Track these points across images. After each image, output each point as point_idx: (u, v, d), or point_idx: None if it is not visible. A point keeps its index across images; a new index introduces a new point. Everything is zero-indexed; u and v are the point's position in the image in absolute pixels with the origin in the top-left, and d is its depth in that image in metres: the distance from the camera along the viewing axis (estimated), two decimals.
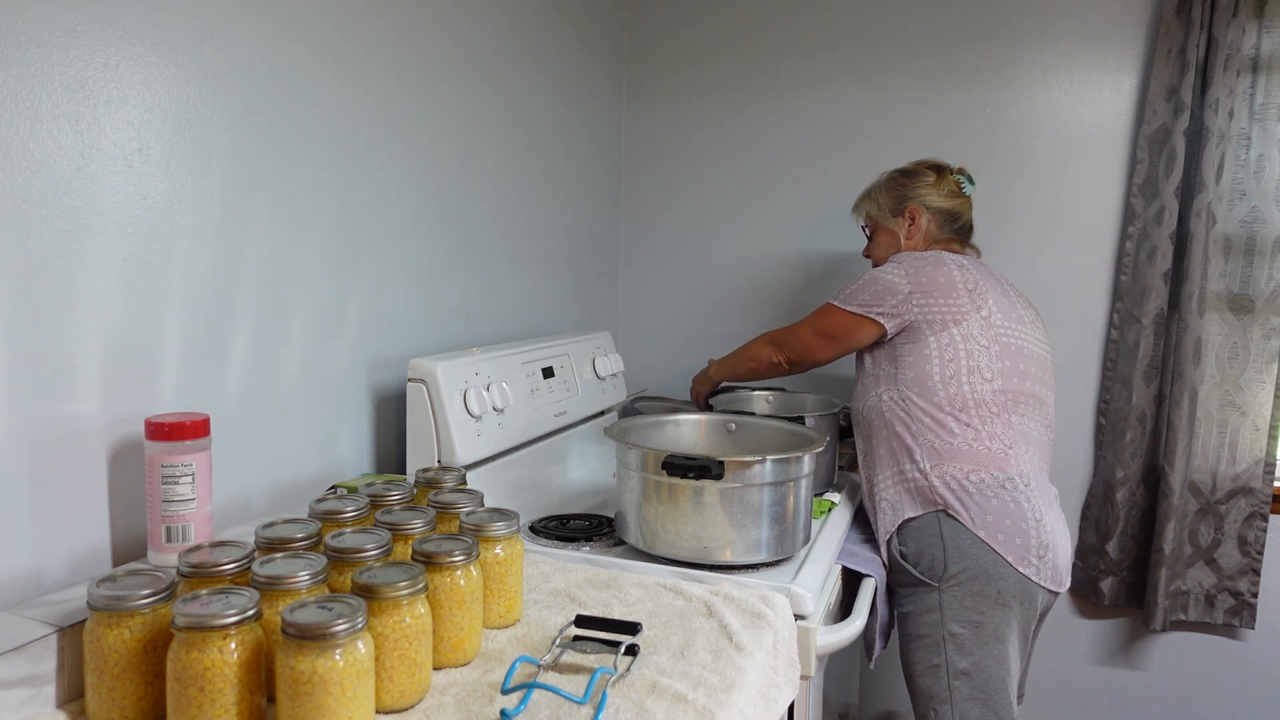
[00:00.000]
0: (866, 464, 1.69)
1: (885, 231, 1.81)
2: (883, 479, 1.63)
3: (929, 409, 1.59)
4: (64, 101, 0.97)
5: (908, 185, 1.79)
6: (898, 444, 1.61)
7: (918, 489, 1.58)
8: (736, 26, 2.38)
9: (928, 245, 1.77)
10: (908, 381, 1.62)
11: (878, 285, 1.64)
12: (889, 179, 1.83)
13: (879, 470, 1.64)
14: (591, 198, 2.34)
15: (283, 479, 1.31)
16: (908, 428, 1.61)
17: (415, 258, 1.59)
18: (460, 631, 0.96)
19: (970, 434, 1.57)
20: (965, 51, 2.20)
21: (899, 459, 1.61)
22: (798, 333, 1.74)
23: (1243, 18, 1.94)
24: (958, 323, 1.60)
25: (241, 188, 1.21)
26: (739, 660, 1.00)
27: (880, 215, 1.81)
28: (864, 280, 1.67)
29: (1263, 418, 2.06)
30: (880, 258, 1.82)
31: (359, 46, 1.41)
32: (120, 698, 0.79)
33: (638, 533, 1.31)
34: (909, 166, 1.82)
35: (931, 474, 1.56)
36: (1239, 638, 2.17)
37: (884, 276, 1.64)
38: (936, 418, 1.59)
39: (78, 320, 1.00)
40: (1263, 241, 2.03)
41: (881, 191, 1.81)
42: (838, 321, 1.68)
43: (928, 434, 1.59)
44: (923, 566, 1.54)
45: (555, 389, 1.73)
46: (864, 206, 1.86)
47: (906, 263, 1.66)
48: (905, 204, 1.77)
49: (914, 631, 1.56)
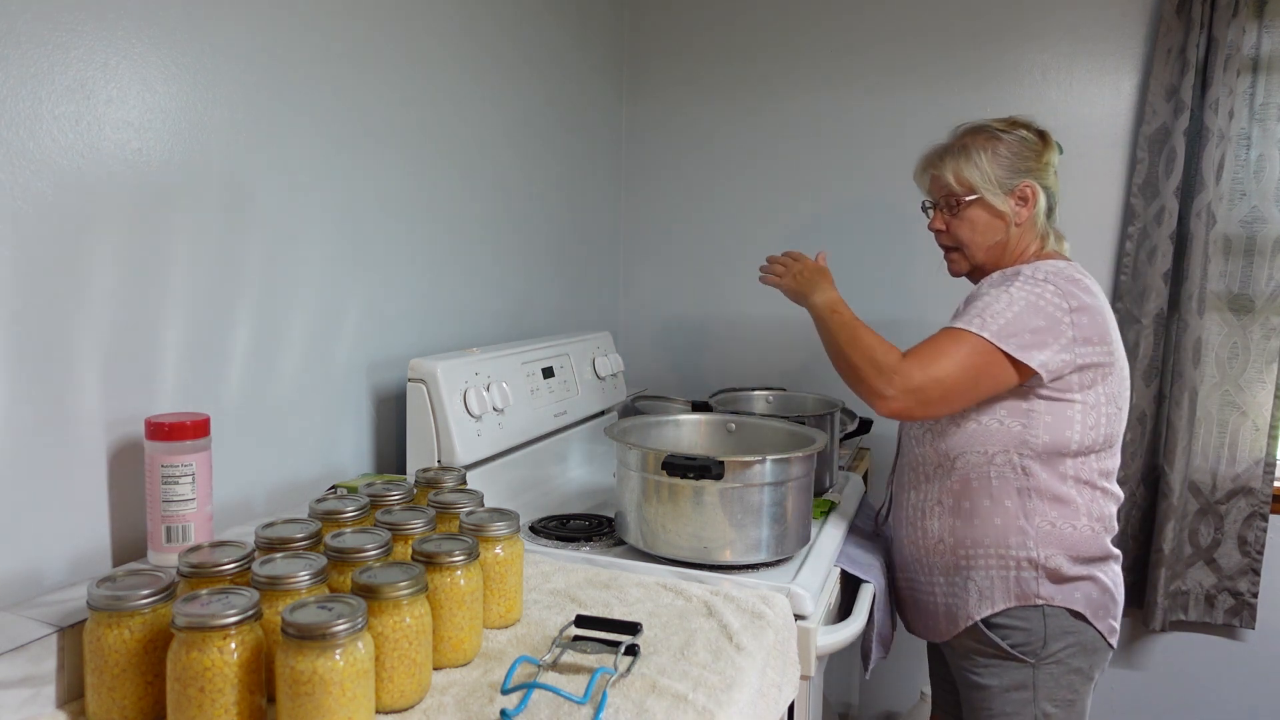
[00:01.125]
0: (938, 519, 1.42)
1: (984, 209, 1.41)
2: (976, 557, 1.38)
3: (1053, 483, 1.34)
4: (64, 101, 0.97)
5: (1021, 153, 1.41)
6: (1006, 521, 1.36)
7: (1019, 582, 1.36)
8: (736, 27, 2.38)
9: (1039, 242, 1.44)
10: (1038, 448, 1.33)
11: (1040, 319, 1.29)
12: (988, 137, 1.42)
13: (971, 545, 1.39)
14: (591, 198, 2.34)
15: (283, 479, 1.31)
16: (1023, 505, 1.35)
17: (415, 258, 1.59)
18: (460, 631, 0.96)
19: (1091, 514, 1.36)
20: (965, 52, 2.20)
21: (1005, 539, 1.36)
22: (937, 366, 1.29)
23: (1243, 18, 1.94)
24: (1104, 378, 1.33)
25: (241, 187, 1.21)
26: (739, 660, 1.00)
27: (986, 186, 1.40)
28: (1015, 306, 1.30)
29: (1263, 418, 2.06)
30: (975, 245, 1.44)
31: (359, 46, 1.41)
32: (120, 698, 0.79)
33: (638, 533, 1.31)
34: (1004, 127, 1.43)
35: (1043, 565, 1.34)
36: (1239, 638, 2.17)
37: (1045, 306, 1.29)
38: (1060, 494, 1.34)
39: (78, 320, 1.00)
40: (1263, 241, 2.03)
41: (985, 155, 1.40)
42: (991, 363, 1.29)
43: (1048, 512, 1.34)
44: (1014, 641, 1.37)
45: (555, 389, 1.73)
46: (958, 169, 1.42)
47: (1060, 285, 1.32)
48: (1019, 179, 1.40)
49: (997, 709, 1.40)
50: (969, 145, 1.42)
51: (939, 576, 1.44)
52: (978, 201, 1.41)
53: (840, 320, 1.40)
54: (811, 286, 1.47)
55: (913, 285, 2.28)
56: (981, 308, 1.32)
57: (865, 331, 1.37)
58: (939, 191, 1.46)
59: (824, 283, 1.47)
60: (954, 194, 1.43)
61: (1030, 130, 1.43)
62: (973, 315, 1.32)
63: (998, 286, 1.35)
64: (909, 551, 1.50)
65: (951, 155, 1.43)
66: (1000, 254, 1.45)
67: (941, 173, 1.44)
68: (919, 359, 1.31)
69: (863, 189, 2.31)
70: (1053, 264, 1.37)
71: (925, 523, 1.45)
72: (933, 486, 1.44)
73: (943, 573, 1.43)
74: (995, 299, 1.32)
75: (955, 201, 1.43)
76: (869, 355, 1.33)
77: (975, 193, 1.41)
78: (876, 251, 2.30)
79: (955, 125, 1.49)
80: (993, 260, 1.45)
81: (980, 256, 1.46)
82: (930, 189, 1.49)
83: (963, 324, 1.32)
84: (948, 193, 1.44)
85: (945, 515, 1.42)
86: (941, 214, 1.47)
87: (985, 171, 1.40)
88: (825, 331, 1.42)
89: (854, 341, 1.36)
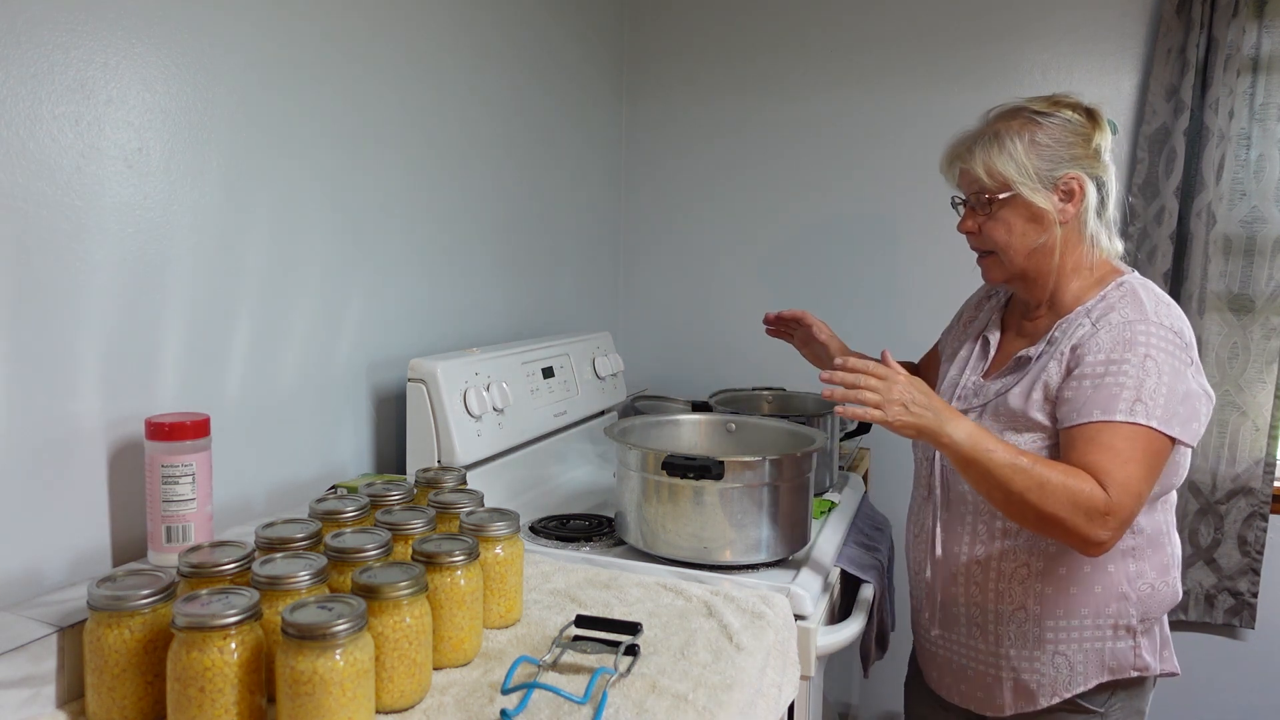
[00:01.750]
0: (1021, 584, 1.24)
1: (1022, 207, 1.22)
2: (1069, 629, 1.22)
3: (1156, 535, 1.22)
4: (64, 101, 0.97)
5: (1064, 139, 1.21)
6: (1108, 588, 1.21)
7: (1115, 655, 1.22)
8: (736, 28, 2.38)
9: (1091, 246, 1.25)
10: (1151, 496, 1.19)
11: (1181, 383, 1.14)
12: (1025, 122, 1.22)
13: (1063, 615, 1.22)
14: (591, 198, 2.34)
15: (283, 479, 1.31)
16: (1126, 569, 1.21)
17: (415, 258, 1.59)
18: (460, 631, 0.96)
19: (1176, 561, 1.26)
20: (965, 52, 2.20)
21: (1104, 608, 1.21)
22: (1134, 479, 1.10)
23: (1243, 18, 1.94)
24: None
25: (241, 187, 1.21)
26: (739, 660, 1.00)
27: (1023, 180, 1.20)
28: (1165, 377, 1.13)
29: (1263, 418, 2.06)
30: (1014, 250, 1.24)
31: (359, 46, 1.41)
32: (120, 698, 0.79)
33: (638, 533, 1.31)
34: (1044, 108, 1.23)
35: (1142, 633, 1.22)
36: (1239, 638, 2.17)
37: (1179, 367, 1.14)
38: (1159, 545, 1.23)
39: (78, 320, 1.00)
40: (1263, 241, 2.03)
41: (1020, 143, 1.20)
42: (1163, 451, 1.14)
43: (1148, 573, 1.22)
44: (1084, 692, 1.25)
45: (555, 389, 1.73)
46: (989, 161, 1.22)
47: (1179, 329, 1.17)
48: (1063, 170, 1.21)
49: None
50: (1002, 132, 1.21)
51: (1010, 648, 1.25)
52: (1013, 199, 1.21)
53: (1005, 461, 1.11)
54: (939, 416, 1.13)
55: (915, 288, 2.28)
56: (1134, 386, 1.13)
57: (1046, 467, 1.11)
58: (969, 187, 1.26)
59: (946, 407, 1.15)
60: (985, 190, 1.23)
61: (1076, 110, 1.23)
62: (1123, 399, 1.12)
63: (1129, 349, 1.15)
64: (963, 613, 1.31)
65: (982, 144, 1.22)
66: (1046, 260, 1.25)
67: (970, 165, 1.23)
68: (1119, 482, 1.10)
69: (863, 189, 2.30)
70: (1148, 288, 1.21)
71: (998, 585, 1.25)
72: (1017, 543, 1.23)
73: (1016, 643, 1.25)
74: (1143, 371, 1.13)
75: (988, 199, 1.23)
76: (1070, 501, 1.09)
77: (1010, 189, 1.21)
78: (878, 252, 2.30)
79: (955, 125, 1.33)
80: (1037, 267, 1.26)
81: (1020, 263, 1.25)
82: (959, 183, 1.29)
83: (1125, 416, 1.11)
84: (978, 189, 1.24)
85: (1033, 580, 1.22)
86: (973, 213, 1.27)
87: (1021, 163, 1.19)
88: (986, 475, 1.11)
89: (1044, 489, 1.09)
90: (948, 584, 1.33)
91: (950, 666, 1.35)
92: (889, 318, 2.29)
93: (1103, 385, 1.14)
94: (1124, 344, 1.16)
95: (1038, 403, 1.22)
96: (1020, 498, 1.10)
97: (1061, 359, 1.21)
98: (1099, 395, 1.14)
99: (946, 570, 1.32)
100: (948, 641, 1.34)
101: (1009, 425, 1.24)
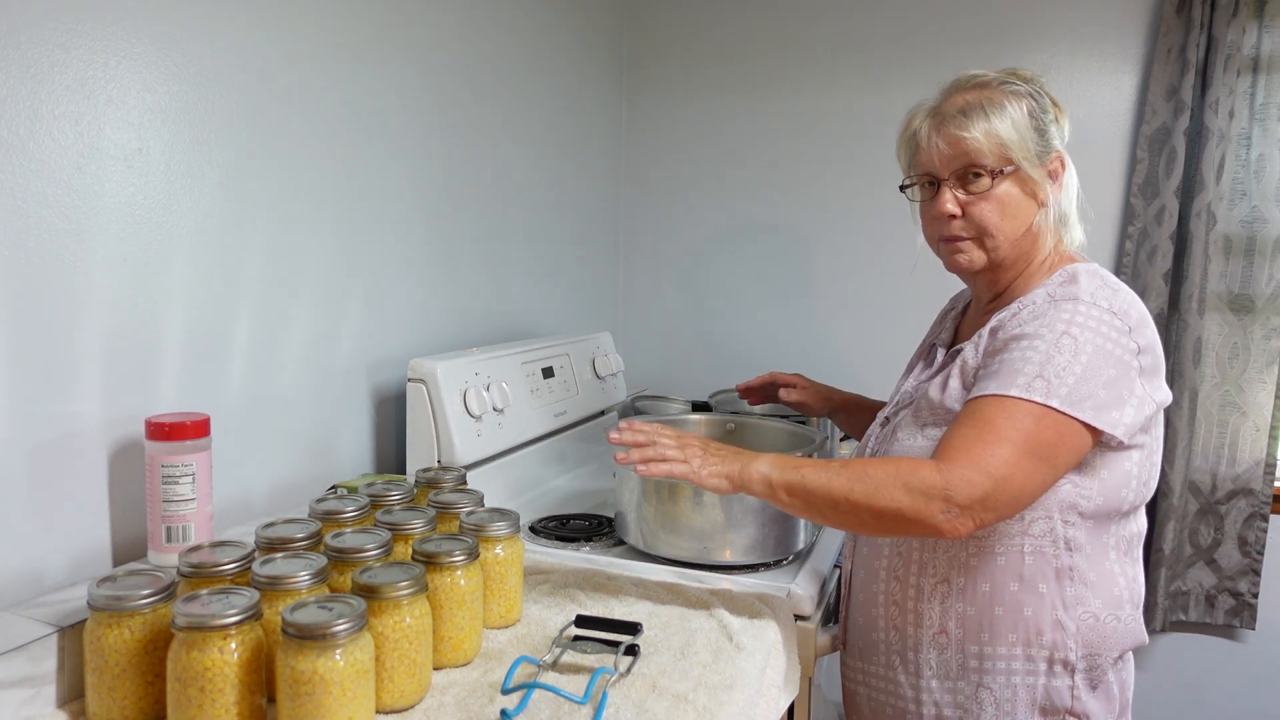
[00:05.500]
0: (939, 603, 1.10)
1: (1019, 184, 1.09)
2: (994, 657, 1.07)
3: (1098, 558, 1.07)
4: (64, 101, 0.97)
5: (1048, 113, 1.11)
6: (1039, 611, 1.05)
7: (1049, 692, 1.06)
8: (736, 27, 2.38)
9: (1053, 234, 1.14)
10: (1088, 511, 1.05)
11: (1111, 366, 1.00)
12: (1011, 92, 1.09)
13: (988, 640, 1.07)
14: (591, 198, 2.34)
15: (283, 479, 1.31)
16: (1061, 592, 1.05)
17: (415, 258, 1.59)
18: (460, 631, 0.96)
19: (1134, 596, 1.10)
20: (966, 51, 2.19)
21: (1036, 635, 1.06)
22: (994, 457, 0.96)
23: (1243, 18, 1.94)
24: (1157, 422, 1.08)
25: (241, 188, 1.21)
26: (739, 660, 1.00)
27: (1024, 154, 1.08)
28: (1083, 355, 1.00)
29: (1263, 418, 2.06)
30: (1004, 234, 1.10)
31: (359, 47, 1.41)
32: (120, 698, 0.79)
33: (638, 533, 1.31)
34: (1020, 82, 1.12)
35: (1081, 671, 1.06)
36: (1239, 638, 2.17)
37: (1114, 350, 1.01)
38: (1104, 573, 1.07)
39: (78, 320, 1.00)
40: (1263, 241, 2.03)
41: (1020, 112, 1.08)
42: (1064, 435, 0.99)
43: (1090, 600, 1.06)
44: None
45: (555, 389, 1.73)
46: (990, 129, 1.07)
47: (1122, 313, 1.04)
48: (1052, 149, 1.10)
49: None
50: (995, 99, 1.08)
51: (931, 679, 1.10)
52: (1014, 175, 1.08)
53: (818, 472, 1.01)
54: (740, 457, 1.06)
55: (916, 288, 2.28)
56: (1039, 360, 1.00)
57: (863, 463, 1.01)
58: (955, 162, 1.10)
59: (743, 451, 1.08)
60: (981, 165, 1.08)
61: (1042, 89, 1.13)
62: (1024, 373, 0.99)
63: (1047, 326, 1.02)
64: (878, 637, 1.16)
65: (979, 111, 1.07)
66: (1030, 247, 1.13)
67: (968, 134, 1.07)
68: (968, 456, 0.97)
69: (864, 188, 2.30)
70: (1093, 274, 1.09)
71: (918, 604, 1.11)
72: (935, 557, 1.10)
73: (939, 674, 1.10)
74: (1055, 348, 1.00)
75: (983, 174, 1.08)
76: (900, 486, 0.97)
77: (1012, 162, 1.07)
78: (879, 252, 2.30)
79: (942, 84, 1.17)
80: (1019, 256, 1.13)
81: (1005, 250, 1.12)
82: (937, 159, 1.12)
83: (1018, 391, 0.98)
84: (970, 163, 1.08)
85: (953, 598, 1.09)
86: (952, 193, 1.11)
87: (1025, 133, 1.07)
88: (807, 493, 1.01)
89: (867, 480, 0.98)
90: (855, 600, 1.21)
91: (874, 710, 1.19)
92: (890, 318, 2.29)
93: (1008, 360, 1.02)
94: (1043, 320, 1.03)
95: (955, 391, 1.10)
96: (847, 501, 0.98)
97: (980, 341, 1.10)
98: (1001, 370, 1.02)
99: (857, 586, 1.21)
100: (865, 676, 1.20)
101: (929, 420, 1.12)
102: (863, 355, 2.31)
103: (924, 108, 1.16)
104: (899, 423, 1.19)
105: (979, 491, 0.95)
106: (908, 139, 1.18)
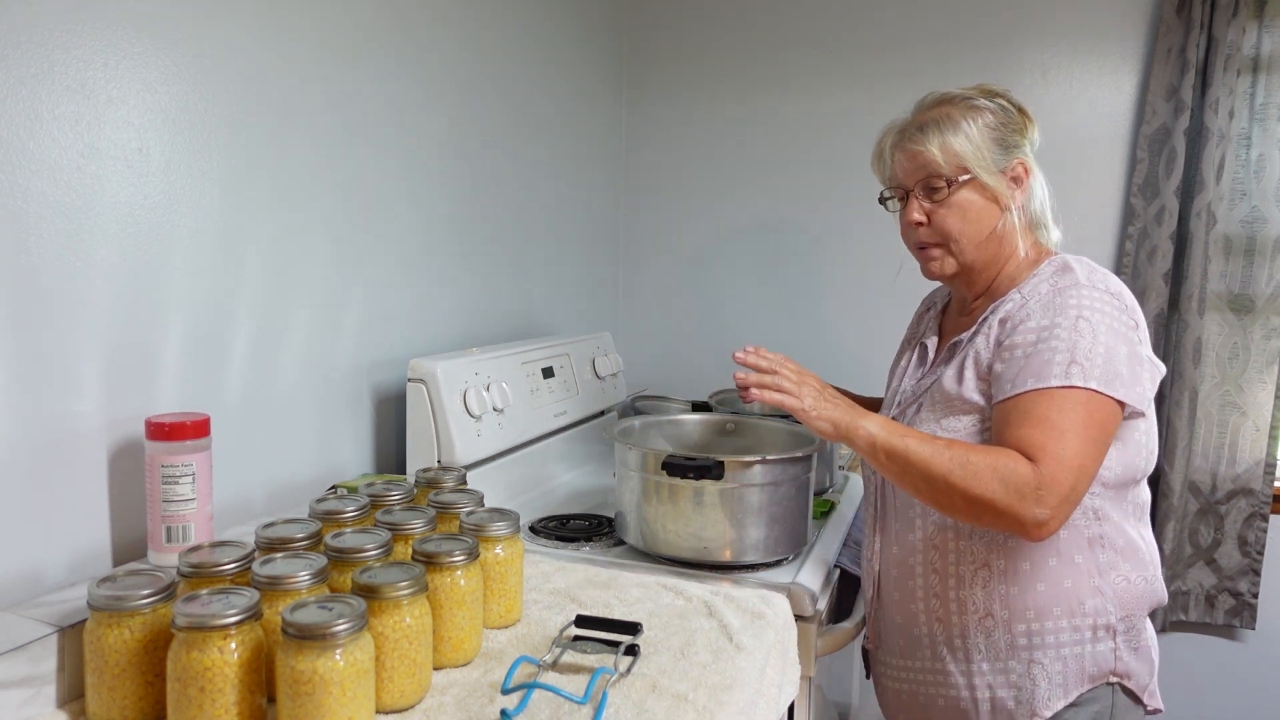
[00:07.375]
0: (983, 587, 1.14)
1: (978, 191, 1.18)
2: (1043, 633, 1.12)
3: (1124, 525, 1.14)
4: (64, 101, 0.97)
5: (1008, 124, 1.19)
6: (1078, 581, 1.11)
7: (1096, 658, 1.11)
8: (736, 27, 2.38)
9: (1032, 234, 1.22)
10: (1110, 481, 1.12)
11: (1123, 343, 1.08)
12: (968, 106, 1.18)
13: (1035, 617, 1.12)
14: (591, 198, 2.34)
15: (283, 479, 1.31)
16: (1095, 559, 1.11)
17: (415, 258, 1.59)
18: (460, 631, 0.96)
19: (1154, 558, 1.17)
20: (966, 52, 2.19)
21: (1079, 604, 1.11)
22: (1068, 450, 1.02)
23: (1243, 18, 1.94)
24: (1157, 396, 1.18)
25: (241, 188, 1.21)
26: (739, 660, 1.00)
27: (979, 163, 1.16)
28: (1102, 337, 1.07)
29: (1263, 418, 2.06)
30: (967, 238, 1.19)
31: (358, 48, 1.41)
32: (120, 698, 0.79)
33: (638, 533, 1.31)
34: (981, 96, 1.20)
35: (1122, 632, 1.12)
36: (1239, 638, 2.17)
37: (1119, 328, 1.09)
38: (1130, 538, 1.14)
39: (78, 320, 1.00)
40: (1263, 241, 2.03)
41: (975, 125, 1.17)
42: (1107, 416, 1.06)
43: (1120, 564, 1.12)
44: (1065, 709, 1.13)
45: (555, 389, 1.73)
46: (945, 142, 1.16)
47: (1117, 294, 1.12)
48: (1011, 155, 1.18)
49: None
50: (953, 114, 1.17)
51: (981, 662, 1.14)
52: (970, 183, 1.17)
53: (923, 446, 1.06)
54: (852, 411, 1.12)
55: (916, 288, 2.28)
56: (1065, 348, 1.06)
57: (966, 448, 1.05)
58: (917, 173, 1.19)
59: (858, 406, 1.13)
60: (939, 175, 1.17)
61: (1010, 102, 1.21)
62: (1056, 363, 1.06)
63: (1060, 313, 1.09)
64: (919, 632, 1.19)
65: (935, 127, 1.17)
66: (996, 249, 1.20)
67: (924, 148, 1.17)
68: (1051, 455, 1.01)
69: (863, 189, 2.30)
70: (1082, 261, 1.17)
71: (959, 593, 1.15)
72: (972, 544, 1.14)
73: (989, 657, 1.14)
74: (1075, 333, 1.06)
75: (941, 184, 1.17)
76: (998, 479, 1.01)
77: (968, 171, 1.16)
78: (879, 252, 2.30)
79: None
80: (986, 258, 1.21)
81: (971, 253, 1.20)
82: (901, 173, 1.22)
83: (1057, 380, 1.04)
84: (929, 174, 1.18)
85: (995, 581, 1.13)
86: (918, 202, 1.20)
87: (978, 144, 1.15)
88: (906, 464, 1.06)
89: (967, 468, 1.03)
90: (889, 598, 1.25)
91: (920, 704, 1.22)
92: (891, 318, 2.29)
93: (1035, 353, 1.08)
94: (1054, 309, 1.10)
95: (970, 382, 1.15)
96: (944, 482, 1.03)
97: (990, 332, 1.16)
98: (1032, 364, 1.07)
99: (890, 584, 1.24)
100: (907, 673, 1.22)
101: (945, 411, 1.17)
102: (862, 355, 2.31)
103: (894, 128, 1.26)
104: (910, 421, 1.23)
105: (1065, 488, 1.01)
106: (878, 155, 1.28)
